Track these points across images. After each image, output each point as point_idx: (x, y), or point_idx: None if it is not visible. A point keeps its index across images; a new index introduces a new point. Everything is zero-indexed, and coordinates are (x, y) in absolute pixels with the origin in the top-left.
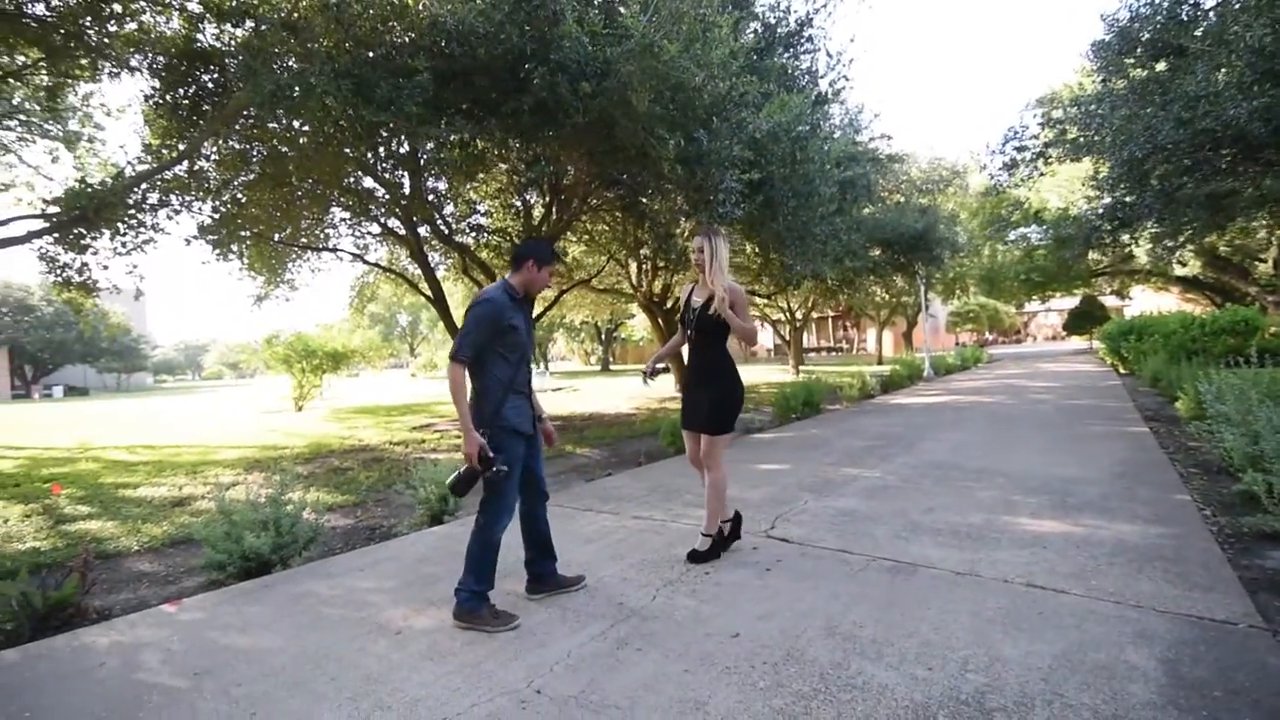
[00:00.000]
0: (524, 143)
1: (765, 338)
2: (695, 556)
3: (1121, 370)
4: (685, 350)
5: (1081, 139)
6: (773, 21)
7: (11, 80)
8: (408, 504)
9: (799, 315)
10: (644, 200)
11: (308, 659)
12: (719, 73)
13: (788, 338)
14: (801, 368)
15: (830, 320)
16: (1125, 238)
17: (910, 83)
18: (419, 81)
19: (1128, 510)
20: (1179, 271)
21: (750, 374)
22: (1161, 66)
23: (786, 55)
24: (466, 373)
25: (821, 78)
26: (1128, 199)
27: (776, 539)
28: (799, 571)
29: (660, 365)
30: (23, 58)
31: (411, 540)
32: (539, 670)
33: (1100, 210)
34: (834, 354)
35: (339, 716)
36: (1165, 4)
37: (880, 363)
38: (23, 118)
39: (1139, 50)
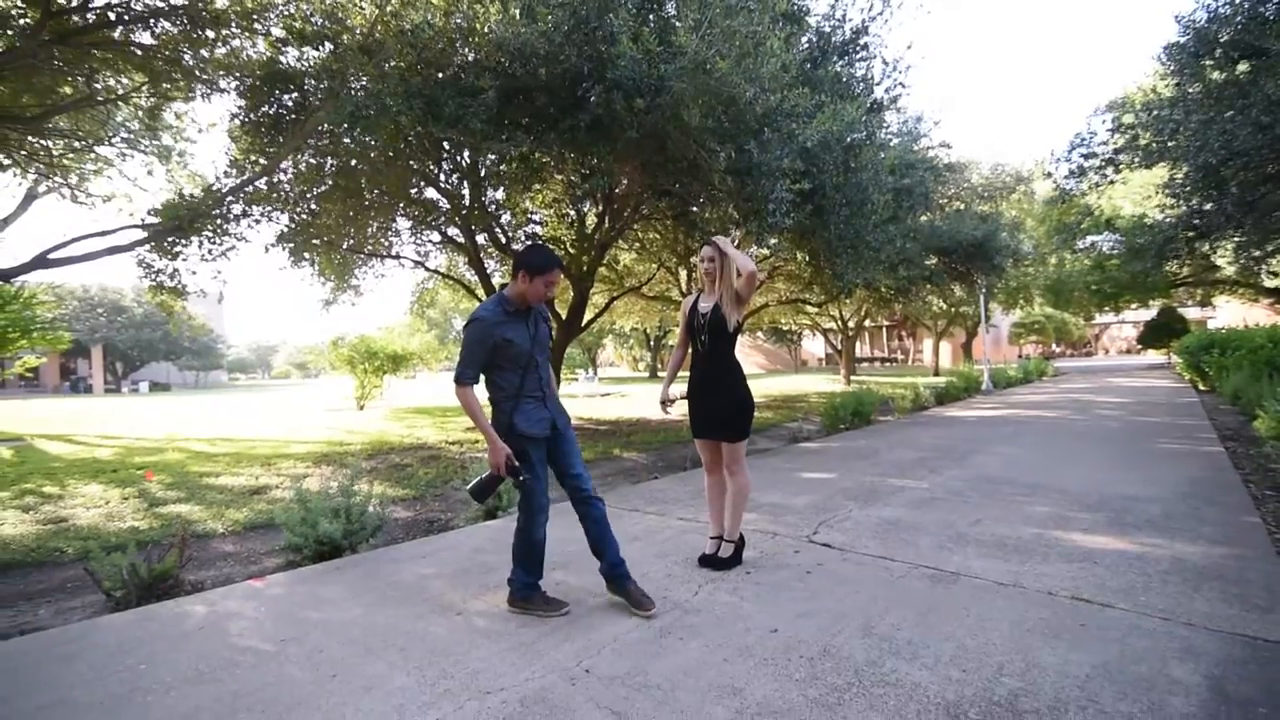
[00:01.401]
0: (580, 156)
1: (816, 347)
2: (718, 563)
3: (1201, 386)
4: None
5: (1154, 145)
6: (827, 30)
7: (121, 103)
8: (464, 499)
9: (851, 324)
10: (694, 210)
11: (378, 632)
12: (770, 85)
13: (839, 347)
14: (853, 378)
15: (885, 330)
16: (1204, 248)
17: (974, 87)
18: (484, 100)
19: (1190, 530)
20: (1269, 283)
21: (800, 383)
22: (1241, 69)
23: (841, 63)
24: (481, 386)
25: (877, 85)
26: (1205, 207)
27: (819, 544)
28: (839, 575)
29: (676, 395)
30: (129, 81)
31: (468, 533)
32: (588, 652)
33: (1175, 219)
34: (888, 364)
35: (408, 681)
36: (1247, 3)
37: (937, 374)
38: (125, 134)
39: (1217, 52)
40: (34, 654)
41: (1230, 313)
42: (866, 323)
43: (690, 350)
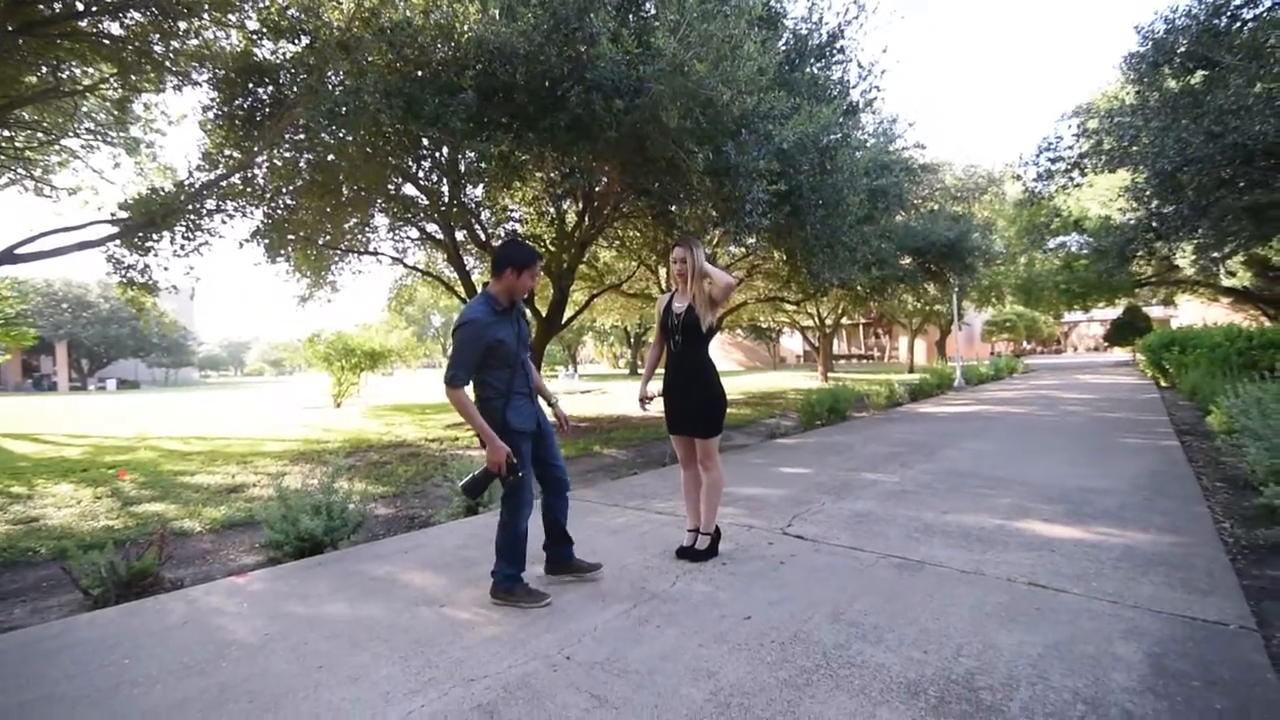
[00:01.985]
0: (559, 155)
1: (794, 344)
2: (696, 555)
3: (1163, 383)
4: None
5: (1117, 150)
6: (804, 33)
7: (88, 94)
8: (444, 496)
9: (829, 322)
10: (673, 209)
11: (362, 625)
12: (747, 88)
13: (817, 344)
14: (830, 375)
15: (861, 327)
16: (1163, 249)
17: (947, 90)
18: (464, 99)
19: (1143, 520)
20: (1227, 283)
21: (778, 379)
22: (1197, 79)
23: (818, 66)
24: (469, 388)
25: (853, 88)
26: (1164, 210)
27: (792, 536)
28: (811, 565)
29: (654, 393)
30: (96, 72)
31: (450, 528)
32: (569, 640)
33: (1135, 222)
34: (865, 361)
35: (393, 670)
36: (1202, 16)
37: (912, 371)
38: (90, 125)
39: (1174, 62)
40: (14, 651)
41: (1192, 311)
42: (844, 320)
43: (665, 349)
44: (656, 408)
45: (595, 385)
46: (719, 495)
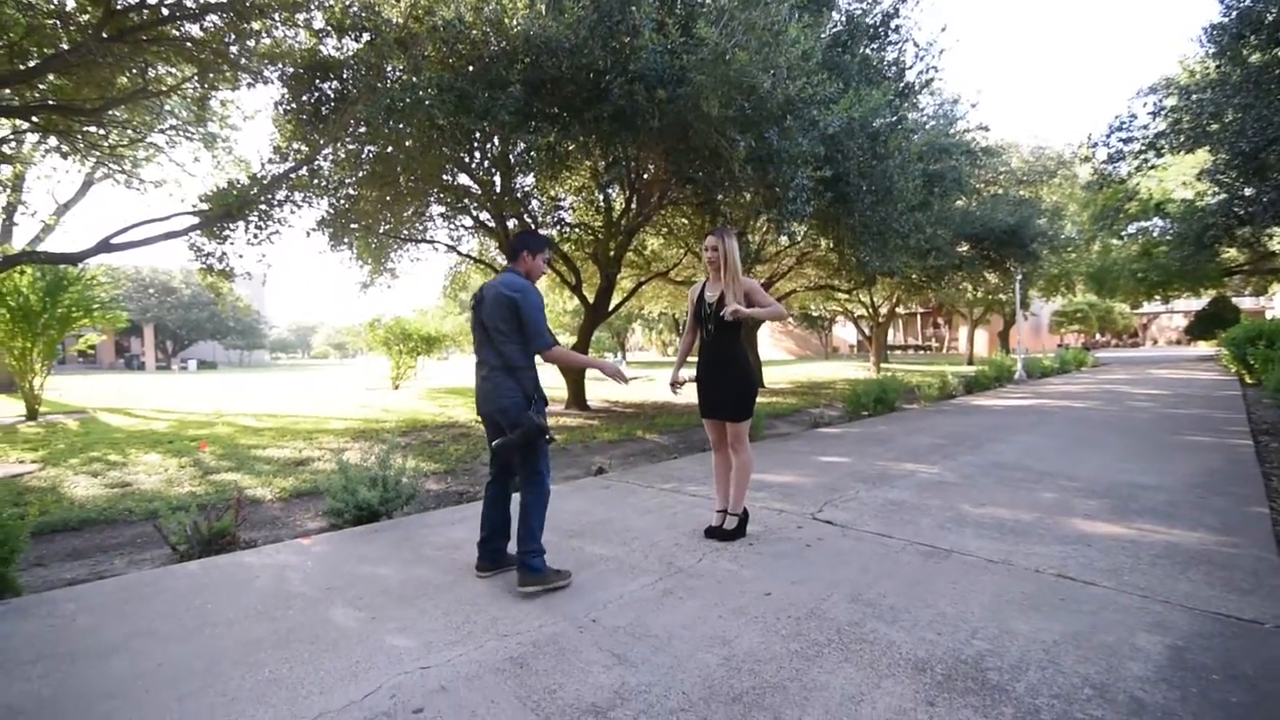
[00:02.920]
0: (604, 145)
1: (848, 334)
2: (723, 535)
3: (1248, 380)
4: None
5: (1194, 129)
6: (857, 13)
7: (175, 94)
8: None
9: (883, 311)
10: (718, 197)
11: (412, 584)
12: (790, 74)
13: (870, 334)
14: (884, 365)
15: (919, 317)
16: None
17: (1014, 70)
18: (512, 93)
19: (1192, 518)
20: None
21: (829, 369)
22: None
23: (872, 47)
24: (527, 350)
25: (909, 69)
26: (1246, 193)
27: (822, 520)
28: (837, 549)
29: (685, 378)
30: (179, 72)
31: None
32: (596, 606)
33: (1215, 206)
34: (922, 352)
35: (436, 625)
36: None
37: (971, 363)
38: (173, 122)
39: (1261, 34)
40: (117, 594)
41: None
42: (899, 309)
43: (698, 336)
44: (688, 392)
45: (643, 372)
46: (748, 477)
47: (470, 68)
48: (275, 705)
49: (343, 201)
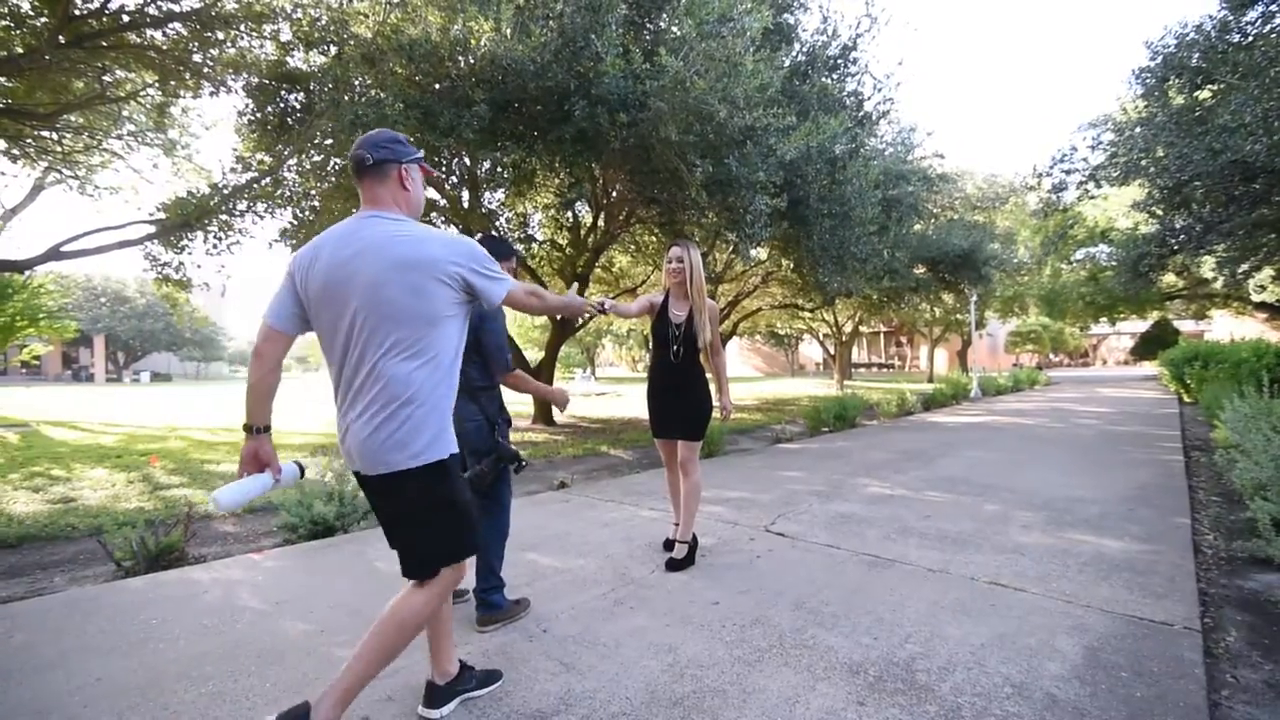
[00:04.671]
0: (568, 165)
1: (814, 352)
2: (674, 565)
3: (1186, 399)
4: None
5: (1129, 163)
6: (817, 45)
7: (133, 101)
8: None
9: (846, 330)
10: (679, 218)
11: (365, 597)
12: (745, 104)
13: (834, 352)
14: (846, 383)
15: (882, 336)
16: (1179, 264)
17: (968, 101)
18: (477, 111)
19: (1120, 529)
20: (1258, 297)
21: (794, 387)
22: (1204, 94)
23: (832, 77)
24: (487, 370)
25: (867, 100)
26: (1177, 224)
27: (774, 533)
28: (785, 560)
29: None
30: (139, 79)
31: None
32: (547, 616)
33: (1148, 236)
34: (884, 370)
35: None
36: (1212, 31)
37: (931, 381)
38: (131, 128)
39: (1182, 77)
40: (56, 611)
41: (1226, 326)
42: (863, 328)
43: (657, 353)
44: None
45: (610, 388)
46: (698, 500)
47: (437, 85)
48: (219, 718)
49: (307, 213)
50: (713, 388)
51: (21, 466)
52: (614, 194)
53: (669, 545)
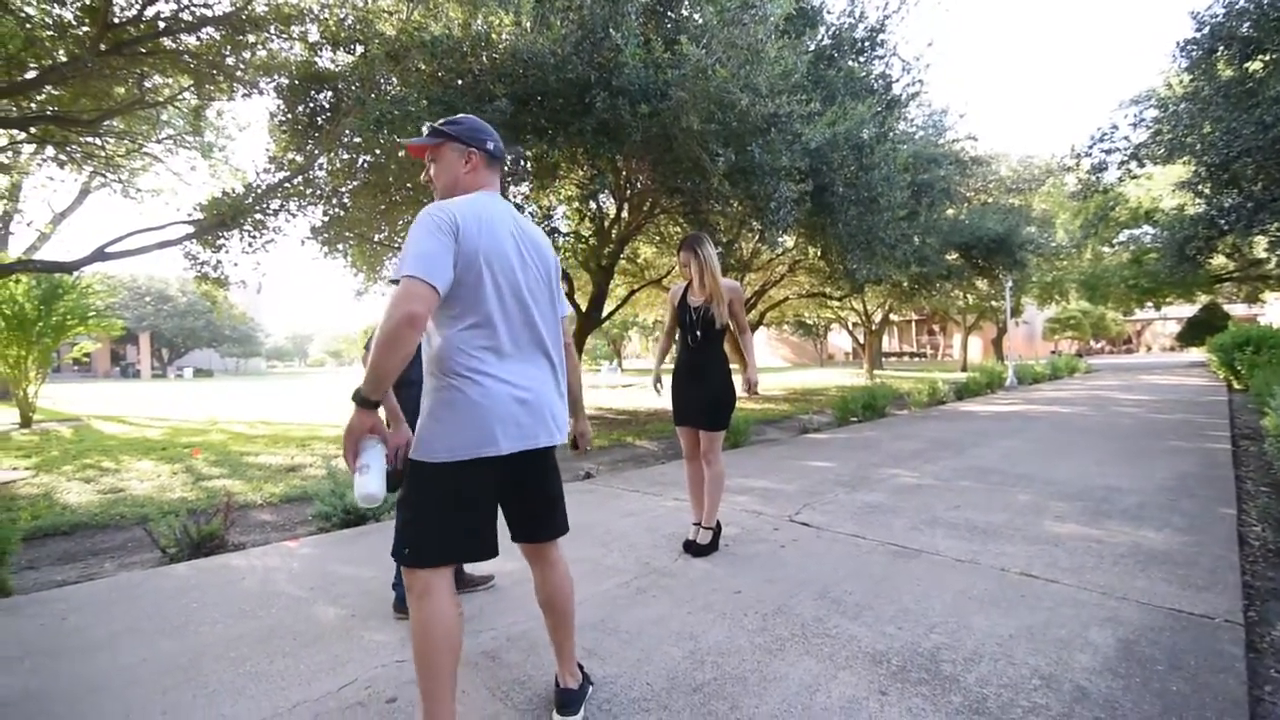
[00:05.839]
0: (590, 156)
1: (843, 341)
2: (697, 550)
3: (1236, 385)
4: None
5: (1174, 140)
6: (844, 29)
7: (171, 105)
8: None
9: (876, 318)
10: (704, 208)
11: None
12: (768, 91)
13: (863, 341)
14: (877, 372)
15: (914, 324)
16: (1228, 244)
17: (1001, 80)
18: (498, 106)
19: (1160, 519)
20: None
21: (823, 377)
22: (1254, 66)
23: (859, 61)
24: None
25: (895, 82)
26: (1225, 204)
27: (799, 523)
28: (809, 550)
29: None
30: (175, 83)
31: None
32: None
33: (1195, 216)
34: (916, 359)
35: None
36: (1265, 1)
37: (965, 370)
38: (170, 132)
39: (1231, 48)
40: (106, 595)
41: None
42: (893, 317)
43: (679, 340)
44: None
45: (639, 379)
46: (721, 489)
47: (459, 81)
48: (255, 697)
49: (337, 210)
50: (738, 378)
51: (74, 459)
52: (638, 185)
53: (689, 547)
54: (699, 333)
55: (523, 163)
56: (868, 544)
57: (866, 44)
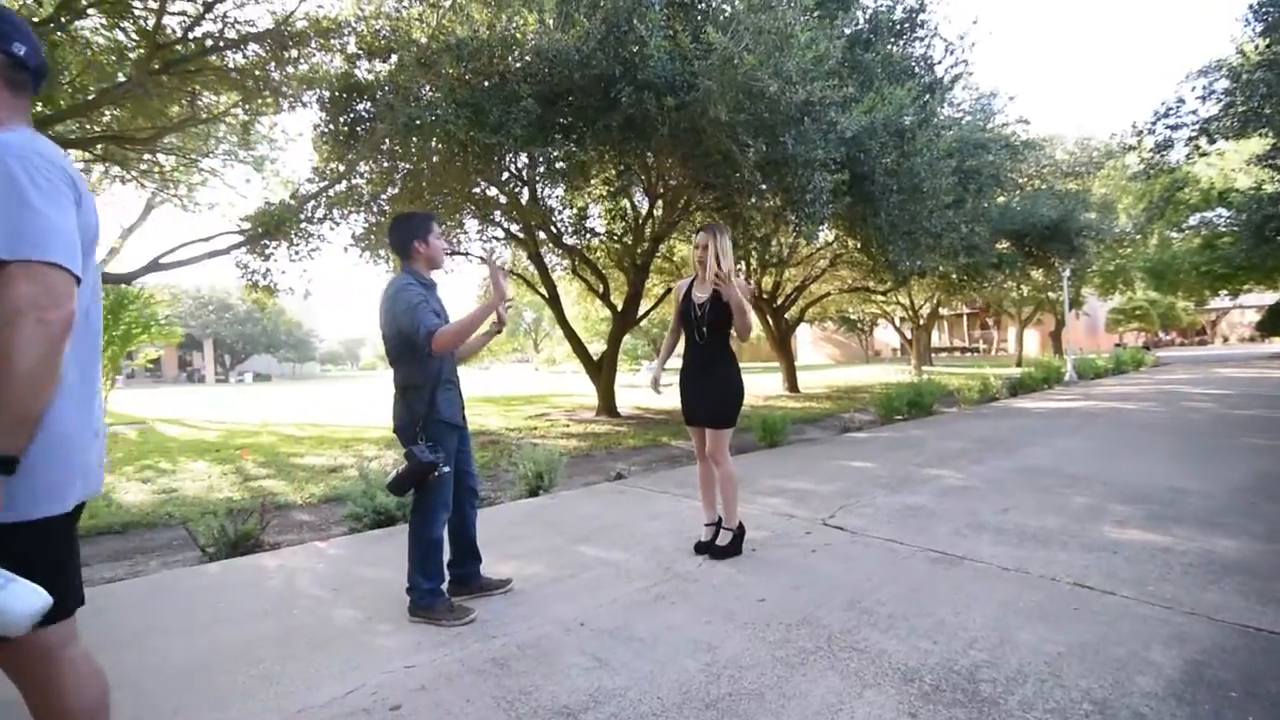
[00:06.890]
0: (617, 154)
1: (890, 337)
2: (717, 552)
3: None
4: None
5: (1245, 113)
6: (881, 10)
7: (219, 120)
8: (512, 480)
9: (924, 312)
10: (737, 202)
11: None
12: (798, 78)
13: (911, 337)
14: (926, 369)
15: (965, 318)
16: None
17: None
18: (525, 107)
19: (1235, 525)
20: None
21: (868, 373)
22: None
23: (898, 44)
24: (422, 363)
25: (937, 65)
26: None
27: (832, 526)
28: (842, 555)
29: (664, 379)
30: (225, 99)
31: (509, 508)
32: (587, 610)
33: (1273, 194)
34: (968, 354)
35: (429, 627)
36: None
37: (1019, 364)
38: (225, 147)
39: None
40: (142, 592)
41: None
42: (942, 310)
43: (685, 338)
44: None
45: (675, 379)
46: (735, 490)
47: (486, 83)
48: (263, 700)
49: (378, 216)
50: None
51: (136, 460)
52: (670, 182)
53: (701, 548)
54: (704, 329)
55: (552, 163)
56: (905, 550)
57: (905, 25)
